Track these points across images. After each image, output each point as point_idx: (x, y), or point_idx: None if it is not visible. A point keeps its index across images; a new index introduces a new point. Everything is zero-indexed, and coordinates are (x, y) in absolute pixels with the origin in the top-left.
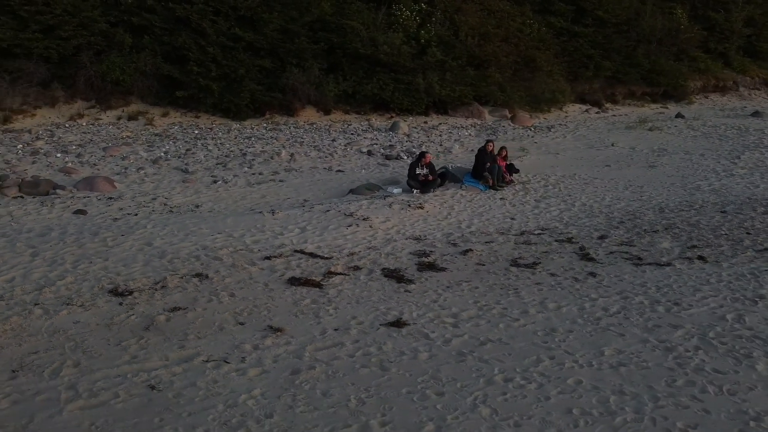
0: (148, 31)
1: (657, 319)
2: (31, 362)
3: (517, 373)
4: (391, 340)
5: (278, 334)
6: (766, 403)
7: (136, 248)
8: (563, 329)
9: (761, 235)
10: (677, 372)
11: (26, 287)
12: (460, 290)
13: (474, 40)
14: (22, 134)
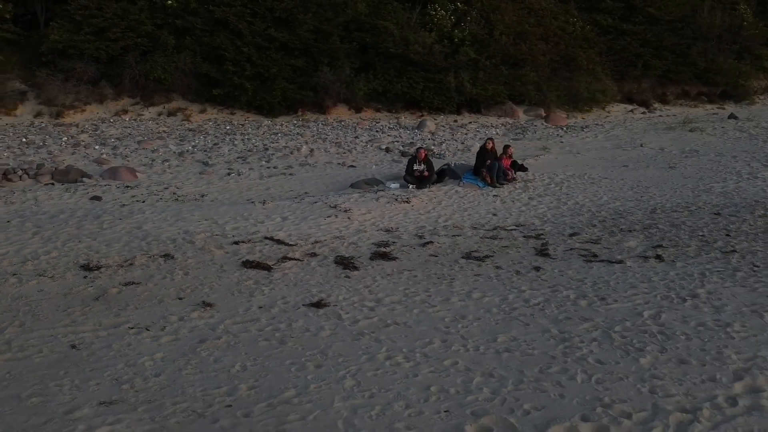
0: (190, 32)
1: (572, 312)
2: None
3: (402, 352)
4: (304, 318)
5: (207, 309)
6: (627, 393)
7: (125, 231)
8: (472, 317)
9: (739, 237)
10: (558, 360)
11: (14, 260)
12: (398, 278)
13: (509, 38)
14: (69, 128)
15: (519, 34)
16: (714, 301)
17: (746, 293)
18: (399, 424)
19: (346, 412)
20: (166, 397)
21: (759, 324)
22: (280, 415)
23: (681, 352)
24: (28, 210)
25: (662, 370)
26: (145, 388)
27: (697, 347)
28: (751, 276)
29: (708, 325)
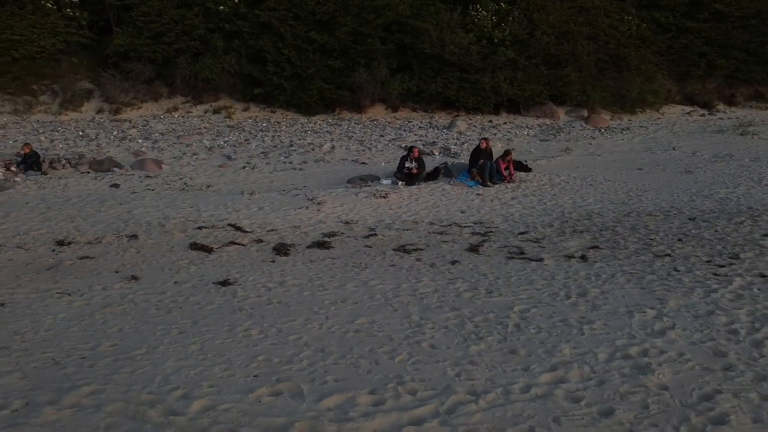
0: (238, 35)
1: (449, 302)
2: None
3: (261, 327)
4: (204, 293)
5: (132, 281)
6: (431, 375)
7: (116, 214)
8: (352, 301)
9: (689, 242)
10: (394, 342)
11: (7, 234)
12: (316, 265)
13: (550, 38)
14: (123, 123)
15: (563, 33)
16: (598, 300)
17: (639, 295)
18: (206, 382)
19: (171, 370)
20: (42, 347)
21: (621, 323)
22: (116, 368)
23: (517, 344)
24: (51, 194)
25: (485, 357)
26: (32, 339)
27: (539, 340)
28: (659, 279)
29: (569, 322)
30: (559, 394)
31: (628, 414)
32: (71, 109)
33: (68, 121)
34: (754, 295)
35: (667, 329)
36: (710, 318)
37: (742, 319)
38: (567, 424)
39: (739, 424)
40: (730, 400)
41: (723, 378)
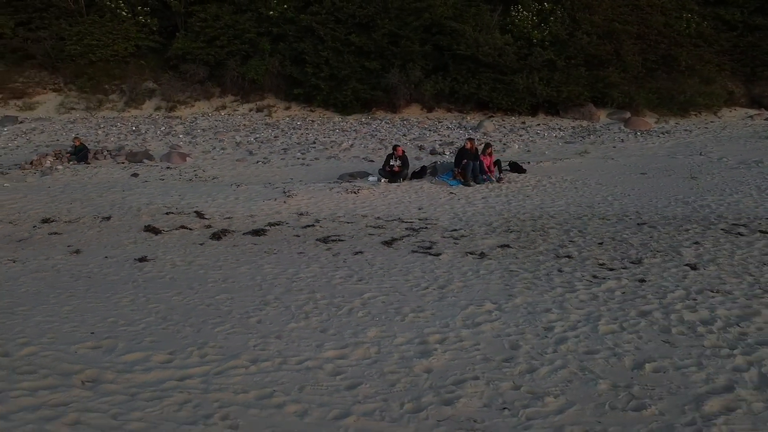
0: (284, 38)
1: (314, 286)
2: None
3: (136, 296)
4: (118, 267)
5: (74, 254)
6: (228, 341)
7: (111, 200)
8: (230, 281)
9: (610, 245)
10: (230, 316)
11: (10, 211)
12: (235, 249)
13: (591, 38)
14: (174, 120)
15: (607, 33)
16: (452, 293)
17: (496, 290)
18: (49, 335)
19: (33, 324)
20: None
21: (448, 314)
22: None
23: (334, 324)
24: (76, 181)
25: (294, 333)
26: None
27: (357, 323)
28: (532, 278)
29: (401, 310)
30: (327, 368)
31: (371, 389)
32: (134, 106)
33: (128, 117)
34: (610, 298)
35: (486, 321)
36: (540, 315)
37: (570, 318)
38: (308, 391)
39: (465, 407)
40: (476, 386)
41: (493, 367)
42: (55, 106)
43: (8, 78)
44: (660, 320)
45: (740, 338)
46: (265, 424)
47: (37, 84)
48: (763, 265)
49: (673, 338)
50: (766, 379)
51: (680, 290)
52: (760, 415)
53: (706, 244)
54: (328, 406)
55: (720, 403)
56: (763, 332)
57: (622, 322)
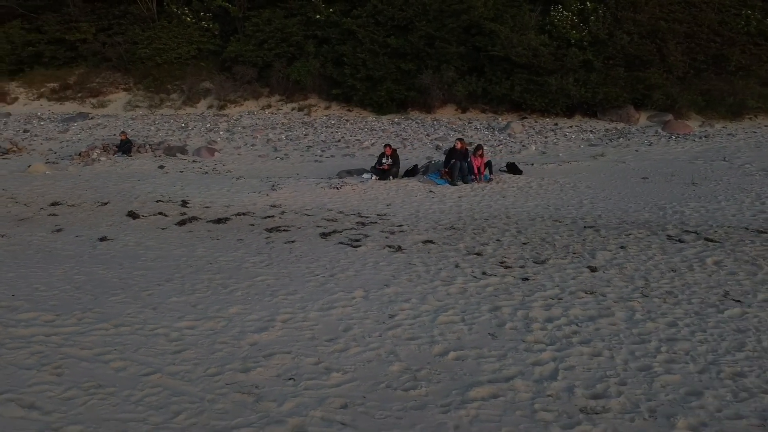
0: (327, 41)
1: (204, 267)
2: None
3: (66, 267)
4: (79, 244)
5: (56, 233)
6: (60, 301)
7: (123, 188)
8: (150, 258)
9: (531, 245)
10: (103, 284)
11: (33, 195)
12: (189, 234)
13: (632, 37)
14: (221, 117)
15: (651, 32)
16: (336, 280)
17: (379, 279)
18: None
19: None
20: None
21: (312, 295)
22: None
23: (195, 299)
24: (109, 171)
25: (154, 298)
26: None
27: (215, 299)
28: (420, 272)
29: (274, 290)
30: (171, 335)
31: (192, 354)
32: (190, 105)
33: (183, 114)
34: (477, 293)
35: (341, 306)
36: (397, 304)
37: (420, 309)
38: (141, 352)
39: (257, 375)
40: (282, 359)
41: (311, 345)
42: (123, 105)
43: (87, 79)
44: (505, 315)
45: (567, 336)
46: (86, 375)
47: (111, 84)
48: (671, 271)
49: (501, 332)
50: (553, 375)
51: (554, 290)
52: (518, 404)
53: (631, 248)
54: (146, 365)
55: (486, 391)
56: (597, 332)
57: (466, 316)
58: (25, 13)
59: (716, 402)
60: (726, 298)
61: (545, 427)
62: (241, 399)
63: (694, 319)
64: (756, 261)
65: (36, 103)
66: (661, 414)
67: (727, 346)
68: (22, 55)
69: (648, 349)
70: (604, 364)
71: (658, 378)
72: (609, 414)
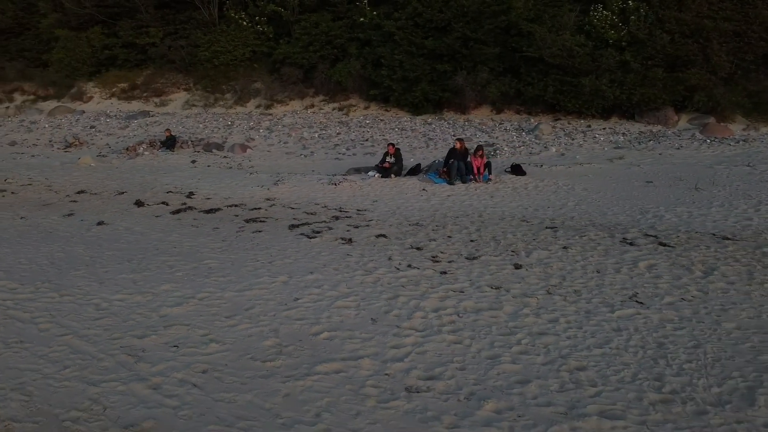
0: (369, 43)
1: (179, 251)
2: None
3: (59, 247)
4: (78, 227)
5: (66, 217)
6: (66, 282)
7: (146, 180)
8: (124, 241)
9: (480, 242)
10: (93, 266)
11: (66, 183)
12: (176, 222)
13: (672, 36)
14: (267, 116)
15: (694, 31)
16: (271, 266)
17: (308, 267)
18: None
19: None
20: None
21: (241, 279)
22: None
23: (140, 277)
24: (146, 164)
25: (108, 274)
26: None
27: (156, 277)
28: (350, 262)
29: (209, 272)
30: (94, 301)
31: (87, 323)
32: (240, 104)
33: (232, 114)
34: (385, 284)
35: (254, 289)
36: (301, 291)
37: (314, 293)
38: (58, 315)
39: (128, 342)
40: (160, 334)
41: (192, 317)
42: (181, 104)
43: (153, 79)
44: (398, 303)
45: (442, 325)
46: (16, 333)
47: (173, 84)
48: (596, 272)
49: (383, 318)
50: (402, 357)
51: (463, 284)
52: (353, 379)
53: (573, 249)
54: (66, 327)
55: (332, 367)
56: (474, 323)
57: (362, 302)
58: (104, 19)
59: (537, 390)
60: (631, 299)
61: (362, 401)
62: (125, 360)
63: (579, 317)
64: (692, 266)
65: (107, 102)
66: (477, 397)
67: (591, 343)
68: (100, 57)
69: (510, 341)
70: (458, 351)
71: (498, 366)
72: (429, 393)
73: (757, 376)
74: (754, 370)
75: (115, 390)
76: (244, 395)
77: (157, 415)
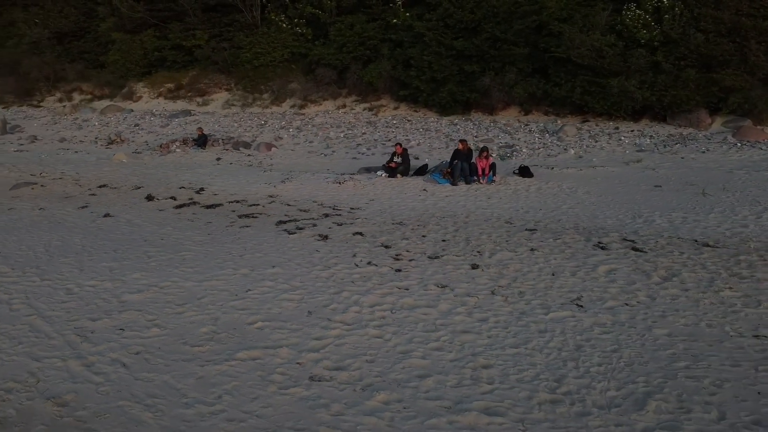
0: (401, 44)
1: (163, 243)
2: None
3: (60, 235)
4: (84, 218)
5: (79, 209)
6: (51, 268)
7: (166, 176)
8: (120, 233)
9: (451, 242)
10: (81, 254)
11: (93, 177)
12: (176, 216)
13: (707, 36)
14: (300, 116)
15: (731, 30)
16: (240, 259)
17: (274, 261)
18: None
19: None
20: None
21: (206, 270)
22: None
23: (116, 264)
24: (174, 161)
25: (91, 261)
26: None
27: (129, 265)
28: (315, 258)
29: (181, 263)
30: (66, 286)
31: (55, 304)
32: (276, 104)
33: (268, 113)
34: (337, 279)
35: (213, 280)
36: (258, 282)
37: (266, 285)
38: (30, 295)
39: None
40: (117, 317)
41: (149, 304)
42: (222, 104)
43: (197, 80)
44: (340, 298)
45: (372, 320)
46: None
47: (215, 85)
48: (551, 275)
49: (320, 311)
50: (319, 349)
51: (412, 282)
52: (265, 366)
53: (540, 251)
54: (34, 308)
55: (251, 354)
56: (404, 319)
57: (306, 295)
58: (156, 23)
59: (432, 385)
60: (572, 302)
61: (265, 387)
62: (73, 339)
63: (511, 317)
64: (653, 272)
65: (155, 101)
66: (373, 389)
67: (508, 343)
68: (151, 59)
69: (429, 338)
70: (375, 345)
71: (407, 360)
72: (330, 383)
73: (661, 383)
74: (662, 376)
75: (54, 366)
76: (162, 376)
77: (80, 389)
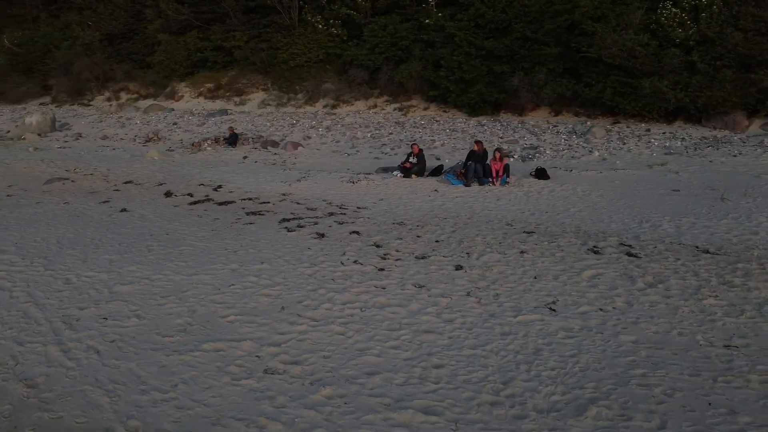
0: (432, 45)
1: (164, 237)
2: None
3: (74, 228)
4: (102, 212)
5: (100, 204)
6: (58, 259)
7: (189, 173)
8: (132, 226)
9: (443, 243)
10: (88, 246)
11: (120, 175)
12: (188, 212)
13: (746, 34)
14: (330, 116)
15: None
16: (233, 255)
17: (265, 257)
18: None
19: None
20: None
21: (197, 266)
22: None
23: (114, 253)
24: (199, 159)
25: (91, 251)
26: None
27: (126, 258)
28: (307, 255)
29: (176, 258)
30: (57, 276)
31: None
32: (309, 104)
33: (301, 112)
34: (317, 276)
35: (200, 275)
36: (242, 277)
37: (250, 280)
38: (27, 281)
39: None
40: (102, 306)
41: (134, 295)
42: (258, 103)
43: (235, 80)
44: (316, 295)
45: (339, 318)
46: None
47: (253, 85)
48: (534, 278)
49: (293, 307)
50: (280, 343)
51: (391, 281)
52: (225, 359)
53: (530, 254)
54: (31, 296)
55: (216, 345)
56: (372, 317)
57: (285, 292)
58: (199, 24)
59: (379, 382)
60: (546, 306)
61: (219, 378)
62: (59, 327)
63: (479, 319)
64: (640, 278)
65: (195, 100)
66: (321, 383)
67: (468, 344)
68: (193, 60)
69: (391, 336)
70: (335, 342)
71: (362, 358)
72: (282, 375)
73: (610, 389)
74: (613, 383)
75: (34, 350)
76: (129, 363)
77: (52, 372)
